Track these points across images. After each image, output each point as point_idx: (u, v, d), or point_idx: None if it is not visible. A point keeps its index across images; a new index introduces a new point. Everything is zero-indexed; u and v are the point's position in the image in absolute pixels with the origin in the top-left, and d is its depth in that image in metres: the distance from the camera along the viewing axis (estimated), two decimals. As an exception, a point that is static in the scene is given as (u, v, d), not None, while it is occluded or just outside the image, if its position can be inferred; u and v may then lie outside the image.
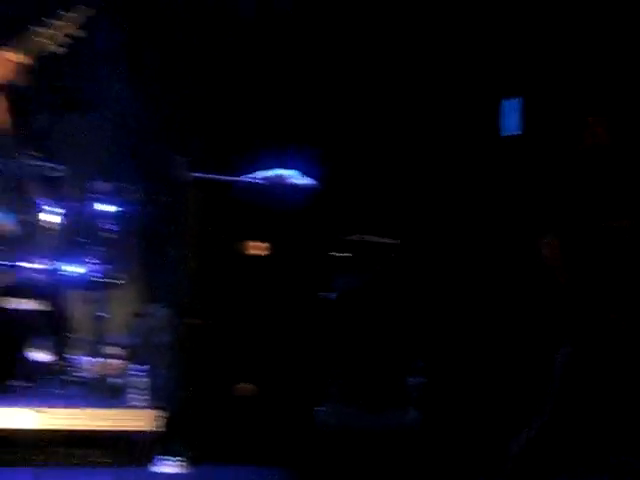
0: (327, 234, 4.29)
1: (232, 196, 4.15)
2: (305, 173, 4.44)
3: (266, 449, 3.88)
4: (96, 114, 6.44)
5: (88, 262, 5.14)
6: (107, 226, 5.15)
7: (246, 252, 4.09)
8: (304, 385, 4.03)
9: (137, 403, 4.05)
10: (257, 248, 4.11)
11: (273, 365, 4.00)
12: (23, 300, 4.50)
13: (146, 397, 4.06)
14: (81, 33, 2.14)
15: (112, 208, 5.18)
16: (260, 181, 4.38)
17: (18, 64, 2.13)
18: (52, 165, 5.17)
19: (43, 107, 6.00)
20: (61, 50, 2.14)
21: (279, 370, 4.00)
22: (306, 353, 4.06)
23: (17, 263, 5.02)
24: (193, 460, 3.62)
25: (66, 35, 2.13)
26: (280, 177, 4.32)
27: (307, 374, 4.05)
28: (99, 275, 5.09)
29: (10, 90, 2.34)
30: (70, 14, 2.14)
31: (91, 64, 6.45)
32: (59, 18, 2.13)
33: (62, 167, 5.24)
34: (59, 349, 4.49)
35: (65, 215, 5.19)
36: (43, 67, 5.91)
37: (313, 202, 4.28)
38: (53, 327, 4.51)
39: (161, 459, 3.62)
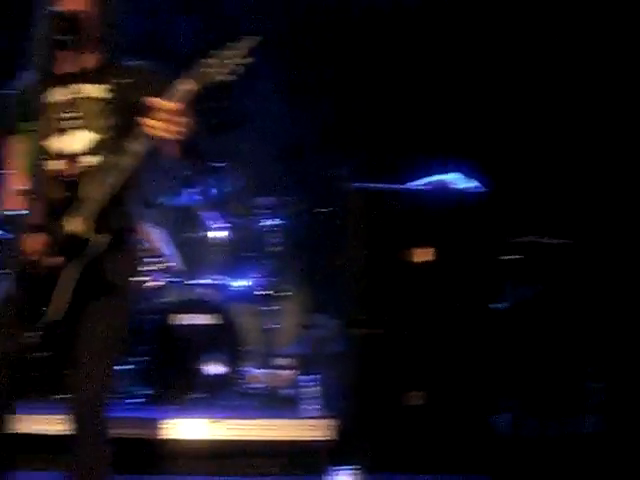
0: (496, 238, 4.14)
1: (396, 204, 4.09)
2: (469, 176, 4.32)
3: (439, 457, 3.79)
4: (256, 130, 6.62)
5: (256, 276, 5.26)
6: (273, 240, 5.25)
7: (412, 260, 4.02)
8: (476, 393, 3.90)
9: (309, 413, 4.06)
10: (423, 255, 4.03)
11: (443, 373, 3.90)
12: (196, 315, 4.63)
13: (318, 407, 4.06)
14: (249, 61, 2.15)
15: (277, 222, 5.28)
16: (424, 187, 4.30)
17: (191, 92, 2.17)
18: (218, 183, 5.33)
19: (205, 127, 6.24)
20: (231, 79, 2.17)
21: (449, 378, 3.90)
22: (478, 360, 3.93)
23: (189, 280, 5.23)
24: (367, 469, 3.58)
25: (236, 64, 2.15)
26: (443, 182, 4.23)
27: (479, 382, 3.92)
28: (267, 288, 5.19)
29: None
30: (237, 44, 2.16)
31: (249, 82, 6.64)
32: (228, 49, 2.16)
33: (228, 184, 5.40)
34: (232, 361, 4.59)
35: (232, 231, 5.34)
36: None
37: (480, 205, 4.14)
38: (225, 340, 4.61)
39: (335, 469, 3.60)
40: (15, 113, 2.59)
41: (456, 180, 4.22)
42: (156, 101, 2.20)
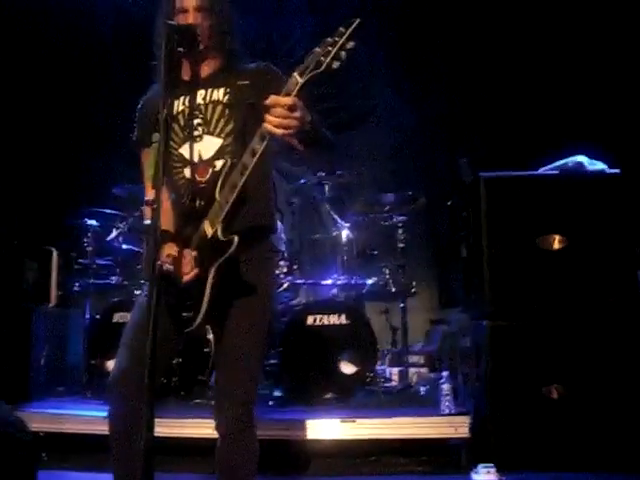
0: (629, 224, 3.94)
1: (527, 190, 3.95)
2: (596, 159, 4.14)
3: (581, 454, 3.64)
4: (375, 127, 6.63)
5: (382, 273, 5.25)
6: (397, 236, 5.23)
7: (545, 248, 3.88)
8: (623, 385, 3.71)
9: (444, 410, 4.00)
10: (558, 243, 3.88)
11: (584, 365, 3.74)
12: (327, 315, 4.66)
13: (453, 404, 4.00)
14: (353, 45, 2.14)
15: (401, 218, 5.25)
16: (551, 172, 4.15)
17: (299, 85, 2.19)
18: (340, 182, 5.36)
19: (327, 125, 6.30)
20: (337, 65, 2.16)
21: (590, 370, 3.73)
22: (621, 351, 3.74)
23: (318, 280, 5.28)
24: (505, 466, 3.48)
25: (342, 49, 2.14)
26: (578, 164, 4.06)
27: (625, 373, 3.72)
28: (394, 285, 5.17)
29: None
30: (339, 29, 2.15)
31: (367, 77, 6.67)
32: (333, 35, 2.16)
33: (349, 183, 5.42)
34: (364, 360, 4.59)
35: (357, 229, 5.35)
36: (321, 86, 6.32)
37: (613, 187, 3.95)
38: (357, 339, 4.62)
39: (473, 466, 3.52)
40: (147, 126, 2.70)
41: (582, 163, 4.04)
42: (272, 98, 2.23)
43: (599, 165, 4.07)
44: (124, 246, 5.21)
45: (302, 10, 6.77)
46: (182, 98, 2.68)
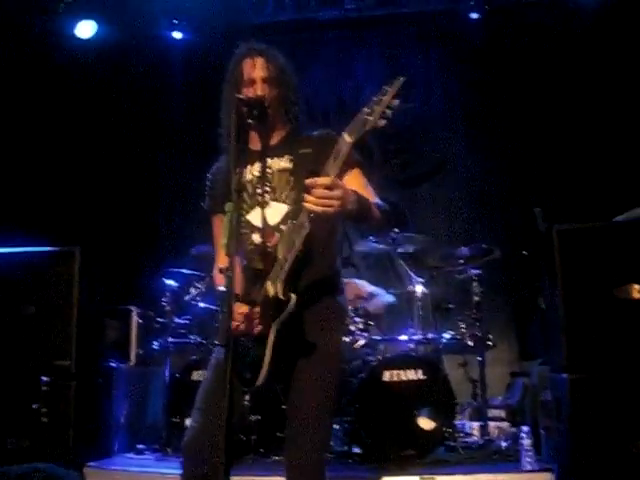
0: None
1: (600, 240, 3.88)
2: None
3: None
4: (446, 180, 6.64)
5: (458, 327, 5.19)
6: (472, 289, 5.17)
7: (624, 298, 3.78)
8: None
9: (527, 466, 3.89)
10: (635, 292, 3.78)
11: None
12: (403, 371, 4.62)
13: (535, 459, 3.89)
14: (399, 103, 2.18)
15: (476, 271, 5.21)
16: (627, 220, 4.08)
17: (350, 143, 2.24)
18: (415, 236, 5.36)
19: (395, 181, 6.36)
20: (383, 123, 2.20)
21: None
22: None
23: (395, 336, 5.26)
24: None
25: (388, 107, 2.18)
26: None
27: None
28: (471, 338, 5.11)
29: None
30: (388, 87, 2.19)
31: (438, 131, 6.72)
32: (381, 93, 2.20)
33: (423, 238, 5.42)
34: (442, 416, 4.52)
35: (431, 284, 5.32)
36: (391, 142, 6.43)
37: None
38: (435, 394, 4.56)
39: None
40: (218, 195, 2.79)
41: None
42: (310, 180, 2.28)
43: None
44: (201, 305, 5.31)
45: (371, 68, 6.89)
46: (250, 167, 2.78)
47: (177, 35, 6.99)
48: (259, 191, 2.72)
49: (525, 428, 4.02)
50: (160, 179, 6.85)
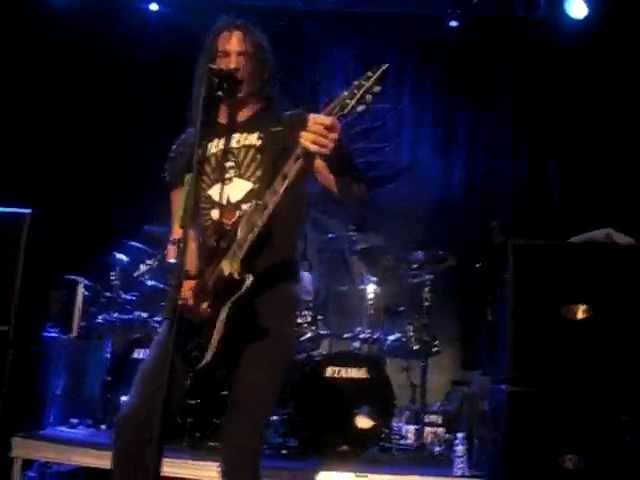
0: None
1: (554, 259, 3.93)
2: (621, 230, 4.12)
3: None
4: (408, 184, 6.67)
5: (406, 330, 5.22)
6: (423, 294, 5.20)
7: (569, 316, 3.84)
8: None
9: (458, 472, 3.93)
10: (580, 312, 3.84)
11: (600, 437, 3.65)
12: (346, 369, 4.63)
13: (467, 466, 3.93)
14: (379, 90, 2.16)
15: (428, 276, 5.23)
16: (578, 242, 4.13)
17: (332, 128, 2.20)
18: (371, 237, 5.37)
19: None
20: (362, 108, 2.18)
21: (612, 441, 3.64)
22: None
23: (340, 333, 5.26)
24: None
25: (368, 92, 2.16)
26: (606, 236, 4.03)
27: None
28: (417, 343, 5.14)
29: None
30: (371, 73, 2.18)
31: (408, 135, 6.75)
32: (361, 78, 2.18)
33: (380, 238, 5.44)
34: (381, 416, 4.54)
35: (383, 285, 5.34)
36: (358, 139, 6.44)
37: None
38: (375, 394, 4.58)
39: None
40: (180, 166, 2.74)
41: (610, 234, 4.02)
42: (313, 116, 2.24)
43: (627, 238, 4.05)
44: (150, 282, 5.24)
45: (345, 56, 6.89)
46: (217, 141, 2.72)
47: (153, 7, 6.91)
48: (223, 166, 2.67)
49: (460, 435, 4.06)
50: (121, 151, 6.74)
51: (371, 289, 5.24)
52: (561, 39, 6.32)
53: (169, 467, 3.41)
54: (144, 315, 5.24)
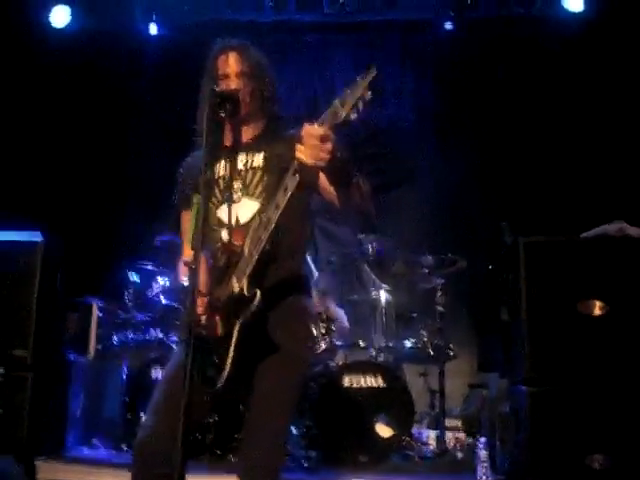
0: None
1: (567, 255, 3.91)
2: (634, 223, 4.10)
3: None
4: (416, 189, 6.67)
5: (420, 336, 5.21)
6: (437, 299, 5.19)
7: (585, 313, 3.82)
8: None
9: (481, 477, 3.91)
10: (597, 308, 3.82)
11: (626, 435, 3.62)
12: (364, 377, 4.63)
13: (489, 470, 3.91)
14: (371, 96, 2.16)
15: (440, 280, 5.22)
16: (591, 237, 4.12)
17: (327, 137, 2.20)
18: (381, 240, 5.37)
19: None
20: (354, 117, 2.18)
21: (634, 441, 3.62)
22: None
23: (355, 343, 5.26)
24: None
25: (360, 100, 2.16)
26: (618, 230, 4.02)
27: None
28: (432, 348, 5.13)
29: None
30: (360, 79, 2.18)
31: (412, 139, 6.75)
32: (353, 85, 2.18)
33: (389, 245, 5.44)
34: (400, 424, 4.53)
35: (395, 292, 5.33)
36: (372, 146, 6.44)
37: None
38: (393, 401, 4.57)
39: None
40: (187, 189, 2.76)
41: (622, 228, 4.01)
42: (306, 128, 2.25)
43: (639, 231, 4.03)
44: (164, 301, 5.26)
45: (345, 66, 6.91)
46: (223, 162, 2.73)
47: (153, 30, 6.94)
48: (230, 187, 2.68)
49: (482, 439, 4.04)
50: (128, 173, 6.77)
51: (383, 296, 5.23)
52: (559, 33, 6.31)
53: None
54: (159, 334, 5.26)
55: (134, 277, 5.31)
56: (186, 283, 2.59)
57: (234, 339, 2.44)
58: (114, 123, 6.68)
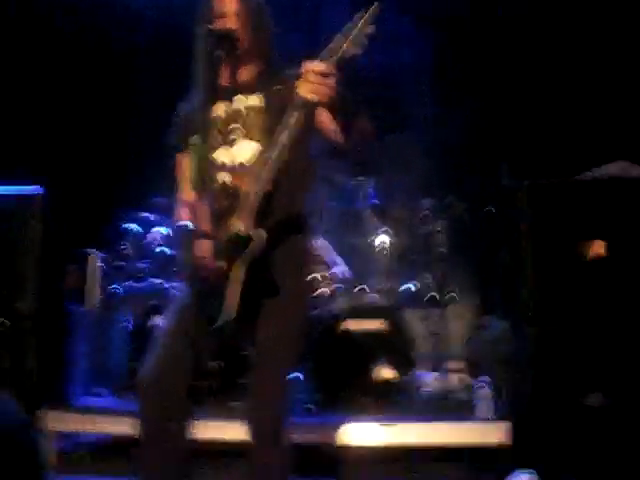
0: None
1: (570, 196, 3.89)
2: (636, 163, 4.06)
3: (621, 464, 3.56)
4: (413, 133, 6.60)
5: (422, 279, 5.22)
6: (438, 242, 5.20)
7: (585, 254, 3.82)
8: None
9: (483, 416, 3.96)
10: (596, 249, 3.82)
11: (625, 374, 3.66)
12: (365, 321, 4.64)
13: (492, 410, 3.95)
14: (373, 30, 2.14)
15: (441, 224, 5.22)
16: (590, 178, 4.09)
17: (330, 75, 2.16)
18: (380, 187, 5.35)
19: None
20: (357, 51, 2.15)
21: (632, 380, 3.66)
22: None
23: (356, 286, 5.26)
24: (545, 474, 3.43)
25: (359, 34, 2.13)
26: (621, 169, 3.99)
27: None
28: (434, 291, 5.14)
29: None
30: (363, 13, 2.15)
31: (401, 81, 6.68)
32: (356, 19, 2.15)
33: (389, 188, 5.42)
34: (402, 366, 4.56)
35: (396, 235, 5.32)
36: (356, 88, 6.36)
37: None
38: (395, 345, 4.59)
39: (513, 473, 3.48)
40: (184, 130, 2.71)
41: (625, 167, 3.98)
42: (306, 65, 2.22)
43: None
44: (162, 249, 5.26)
45: (344, 12, 6.78)
46: (220, 103, 2.69)
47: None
48: (229, 128, 2.65)
49: (483, 379, 4.08)
50: (126, 125, 6.70)
51: (383, 240, 5.22)
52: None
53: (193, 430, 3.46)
54: (159, 282, 5.26)
55: (134, 227, 5.29)
56: (185, 224, 2.57)
57: (239, 277, 2.42)
58: (113, 75, 6.57)
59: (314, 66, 2.19)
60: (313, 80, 2.19)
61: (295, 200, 2.67)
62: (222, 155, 2.64)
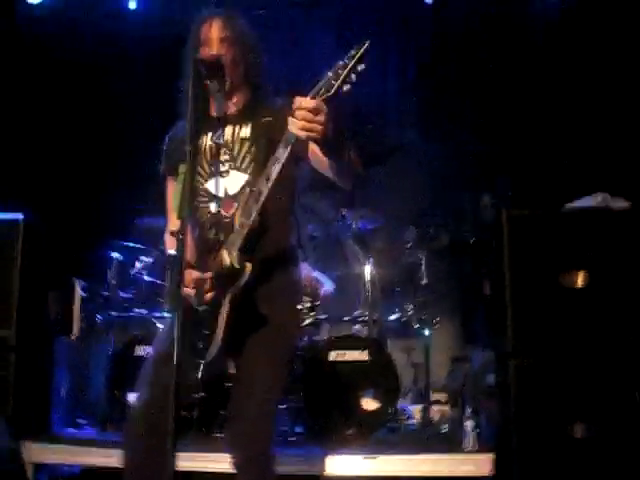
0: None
1: (550, 227, 3.93)
2: (616, 195, 4.11)
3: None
4: (398, 162, 6.64)
5: (405, 310, 5.23)
6: (420, 272, 5.21)
7: (567, 285, 3.85)
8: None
9: (466, 448, 3.95)
10: (580, 280, 3.85)
11: (608, 404, 3.68)
12: (350, 351, 4.64)
13: (475, 441, 3.95)
14: (363, 68, 2.17)
15: (424, 254, 5.24)
16: (571, 209, 4.14)
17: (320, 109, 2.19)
18: (366, 217, 5.37)
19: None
20: (347, 88, 2.18)
21: (615, 409, 3.67)
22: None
23: (340, 317, 5.27)
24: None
25: (352, 71, 2.16)
26: (601, 202, 4.04)
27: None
28: (416, 322, 5.15)
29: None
30: (353, 51, 2.18)
31: (388, 112, 6.73)
32: (346, 58, 2.18)
33: (373, 218, 5.43)
34: (385, 397, 4.55)
35: (379, 266, 5.33)
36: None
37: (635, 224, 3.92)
38: (379, 375, 4.58)
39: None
40: (173, 159, 2.73)
41: (605, 199, 4.03)
42: (298, 100, 2.24)
43: (622, 202, 4.05)
44: (147, 278, 5.23)
45: (328, 42, 6.86)
46: (210, 134, 2.71)
47: (132, 5, 6.83)
48: (218, 159, 2.66)
49: (467, 410, 4.08)
50: (111, 151, 6.69)
51: (367, 271, 5.24)
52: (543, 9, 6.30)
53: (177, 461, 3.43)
54: (143, 312, 5.24)
55: (116, 256, 5.27)
56: (172, 253, 2.58)
57: (225, 310, 2.44)
58: (94, 100, 6.58)
59: (305, 103, 2.22)
60: (304, 117, 2.21)
61: (282, 232, 2.69)
62: (212, 186, 2.66)
